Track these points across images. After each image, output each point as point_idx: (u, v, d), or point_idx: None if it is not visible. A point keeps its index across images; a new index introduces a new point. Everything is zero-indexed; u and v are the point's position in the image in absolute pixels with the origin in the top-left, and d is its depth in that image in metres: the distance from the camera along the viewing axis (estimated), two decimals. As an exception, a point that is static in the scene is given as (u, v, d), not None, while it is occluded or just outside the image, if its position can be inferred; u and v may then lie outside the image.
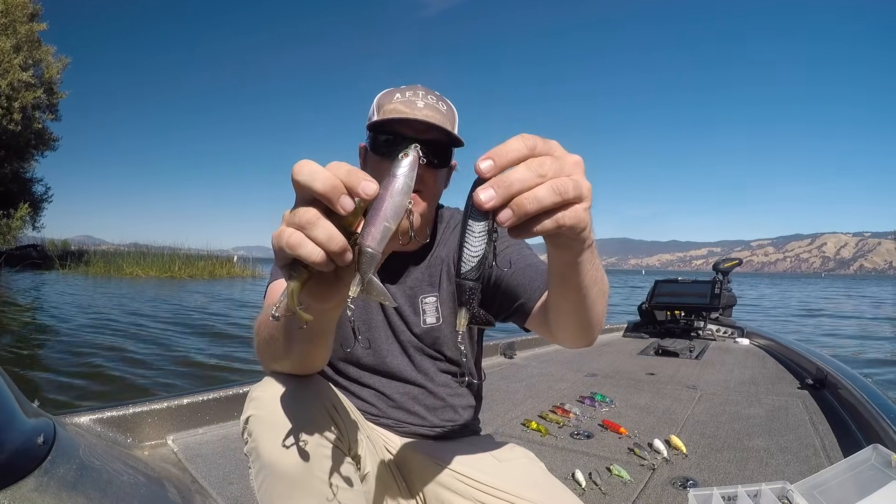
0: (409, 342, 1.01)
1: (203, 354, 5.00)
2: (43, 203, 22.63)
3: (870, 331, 9.40)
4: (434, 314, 1.03)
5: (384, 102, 0.91)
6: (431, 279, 1.03)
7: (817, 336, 8.45)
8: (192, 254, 19.95)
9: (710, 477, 1.41)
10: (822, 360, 2.60)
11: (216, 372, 4.19)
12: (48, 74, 19.65)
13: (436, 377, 1.03)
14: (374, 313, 1.00)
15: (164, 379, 4.01)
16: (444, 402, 1.04)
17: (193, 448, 1.58)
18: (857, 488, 1.03)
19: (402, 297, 1.00)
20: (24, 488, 0.81)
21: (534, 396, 2.28)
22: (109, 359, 4.57)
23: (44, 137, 20.98)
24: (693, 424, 1.87)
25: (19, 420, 0.95)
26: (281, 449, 0.69)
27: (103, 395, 3.47)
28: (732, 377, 2.72)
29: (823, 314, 12.91)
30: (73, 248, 23.95)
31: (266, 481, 0.71)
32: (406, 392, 1.00)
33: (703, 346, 3.65)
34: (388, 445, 0.97)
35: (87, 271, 17.71)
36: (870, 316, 12.68)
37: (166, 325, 6.86)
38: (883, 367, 5.39)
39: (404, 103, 0.89)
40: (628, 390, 2.42)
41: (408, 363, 1.01)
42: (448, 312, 1.02)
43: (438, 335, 1.02)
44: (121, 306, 8.79)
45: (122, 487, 1.06)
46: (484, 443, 1.07)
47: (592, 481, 1.37)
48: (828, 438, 1.73)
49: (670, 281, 4.65)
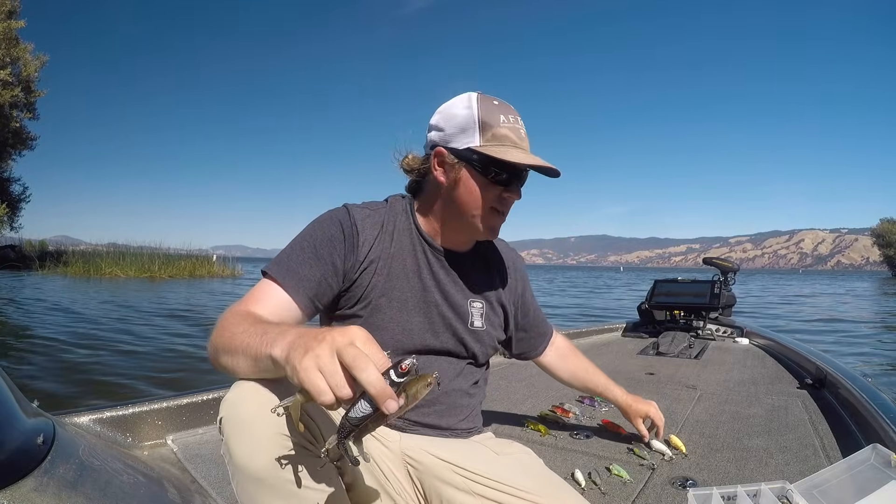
0: (457, 334, 1.06)
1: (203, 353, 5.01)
2: (21, 203, 22.48)
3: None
4: (480, 319, 1.09)
5: (491, 122, 0.95)
6: (475, 288, 1.10)
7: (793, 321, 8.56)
8: (172, 253, 19.90)
9: (710, 477, 1.41)
10: (821, 359, 2.60)
11: (216, 375, 4.20)
12: (26, 72, 19.45)
13: (455, 378, 1.06)
14: (431, 303, 1.03)
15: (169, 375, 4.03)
16: (456, 403, 1.06)
17: (193, 448, 1.58)
18: (857, 488, 1.03)
19: (458, 294, 1.06)
20: (24, 488, 0.81)
21: (533, 396, 2.28)
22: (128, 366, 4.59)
23: (21, 136, 20.81)
24: (692, 424, 1.87)
25: (19, 420, 0.95)
26: (250, 451, 0.70)
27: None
28: (732, 377, 2.72)
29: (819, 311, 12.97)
30: (50, 248, 23.71)
31: (240, 484, 0.73)
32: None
33: (702, 346, 3.66)
34: (385, 441, 0.96)
35: (66, 272, 17.61)
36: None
37: (183, 325, 6.91)
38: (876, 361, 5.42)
39: (513, 131, 0.96)
40: (628, 390, 2.42)
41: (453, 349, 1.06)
42: (488, 325, 1.11)
43: (478, 339, 1.08)
44: (123, 309, 8.79)
45: (122, 487, 1.06)
46: (482, 438, 1.08)
47: (592, 481, 1.37)
48: (827, 438, 1.73)
49: (670, 281, 4.65)
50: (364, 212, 1.01)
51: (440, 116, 0.99)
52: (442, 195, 1.01)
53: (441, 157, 0.98)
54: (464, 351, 1.07)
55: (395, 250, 1.01)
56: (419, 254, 1.03)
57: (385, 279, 0.99)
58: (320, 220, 0.99)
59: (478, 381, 1.12)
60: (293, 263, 0.92)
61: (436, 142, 0.99)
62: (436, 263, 1.04)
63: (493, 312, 1.12)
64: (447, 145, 0.97)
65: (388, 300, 0.99)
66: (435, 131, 1.00)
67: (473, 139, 0.95)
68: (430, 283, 1.03)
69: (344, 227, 0.96)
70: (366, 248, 0.98)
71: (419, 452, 0.96)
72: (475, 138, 0.95)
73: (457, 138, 0.96)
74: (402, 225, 1.04)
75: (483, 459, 0.95)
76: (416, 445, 0.97)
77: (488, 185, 0.96)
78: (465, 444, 1.02)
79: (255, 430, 0.71)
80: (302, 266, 0.92)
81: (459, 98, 0.99)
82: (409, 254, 1.02)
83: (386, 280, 0.99)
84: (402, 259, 1.01)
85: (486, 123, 0.94)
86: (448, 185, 0.98)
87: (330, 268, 0.94)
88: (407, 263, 1.02)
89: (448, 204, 1.00)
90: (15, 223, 21.97)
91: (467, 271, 1.08)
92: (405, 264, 1.02)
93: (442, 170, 0.98)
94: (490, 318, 1.11)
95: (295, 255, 0.94)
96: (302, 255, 0.93)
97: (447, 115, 0.98)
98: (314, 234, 0.96)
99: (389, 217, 1.03)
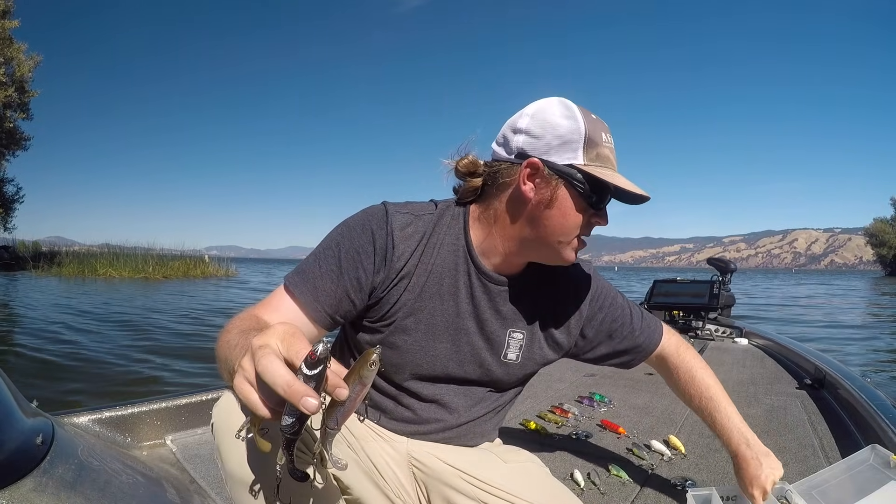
0: (484, 365, 0.97)
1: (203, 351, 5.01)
2: (14, 203, 22.36)
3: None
4: (516, 351, 0.98)
5: (596, 140, 0.84)
6: (520, 317, 0.97)
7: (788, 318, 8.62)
8: (166, 254, 19.80)
9: (709, 477, 1.41)
10: (820, 360, 2.61)
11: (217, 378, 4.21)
12: (20, 73, 19.32)
13: (472, 407, 1.00)
14: (462, 330, 0.94)
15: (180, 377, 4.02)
16: (469, 431, 1.02)
17: (192, 448, 1.58)
18: (856, 488, 1.03)
19: (496, 322, 0.95)
20: (23, 488, 0.81)
21: (532, 396, 2.28)
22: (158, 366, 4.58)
23: (15, 137, 20.68)
24: (692, 424, 1.87)
25: (18, 420, 0.95)
26: (240, 456, 0.70)
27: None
28: (731, 377, 2.73)
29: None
30: (44, 248, 23.52)
31: (231, 488, 0.73)
32: (437, 418, 0.97)
33: (701, 346, 3.66)
34: (391, 443, 0.96)
35: (60, 272, 17.50)
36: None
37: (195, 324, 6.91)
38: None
39: (612, 153, 0.88)
40: (627, 390, 2.42)
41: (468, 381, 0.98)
42: (525, 357, 0.99)
43: (507, 372, 0.99)
44: (135, 312, 8.77)
45: (121, 487, 1.06)
46: (489, 445, 1.07)
47: (591, 481, 1.37)
48: (826, 438, 1.73)
49: (669, 281, 4.66)
50: (406, 217, 0.89)
51: (534, 122, 0.85)
52: (527, 213, 0.87)
53: (535, 169, 0.84)
54: (488, 381, 0.98)
55: (434, 267, 0.90)
56: (461, 273, 0.91)
57: (416, 298, 0.90)
58: (351, 225, 0.88)
59: (497, 405, 1.04)
60: (314, 275, 0.85)
61: (527, 151, 0.85)
62: (478, 287, 0.92)
63: (537, 343, 1.00)
64: (544, 157, 0.84)
65: (415, 321, 0.90)
66: (526, 137, 0.85)
67: (577, 156, 0.83)
68: (466, 308, 0.92)
69: (377, 237, 0.86)
70: (401, 262, 0.88)
71: (426, 456, 0.95)
72: (579, 155, 0.83)
73: (557, 151, 0.84)
74: (450, 238, 0.91)
75: (490, 467, 0.94)
76: (424, 449, 0.96)
77: (586, 209, 0.86)
78: (472, 450, 1.00)
79: (246, 437, 0.71)
80: (322, 279, 0.85)
81: (553, 104, 0.86)
82: (450, 272, 0.91)
83: (416, 299, 0.90)
84: (439, 277, 0.91)
85: (593, 141, 0.83)
86: (538, 202, 0.85)
87: (354, 283, 0.86)
88: (444, 283, 0.91)
89: (532, 223, 0.87)
90: (8, 224, 21.89)
91: (514, 298, 0.96)
92: (442, 284, 0.91)
93: (533, 184, 0.85)
94: (530, 349, 0.99)
95: (318, 265, 0.86)
96: (325, 265, 0.85)
97: (545, 123, 0.84)
98: (342, 241, 0.87)
99: (436, 227, 0.91)
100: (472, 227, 0.92)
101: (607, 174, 0.84)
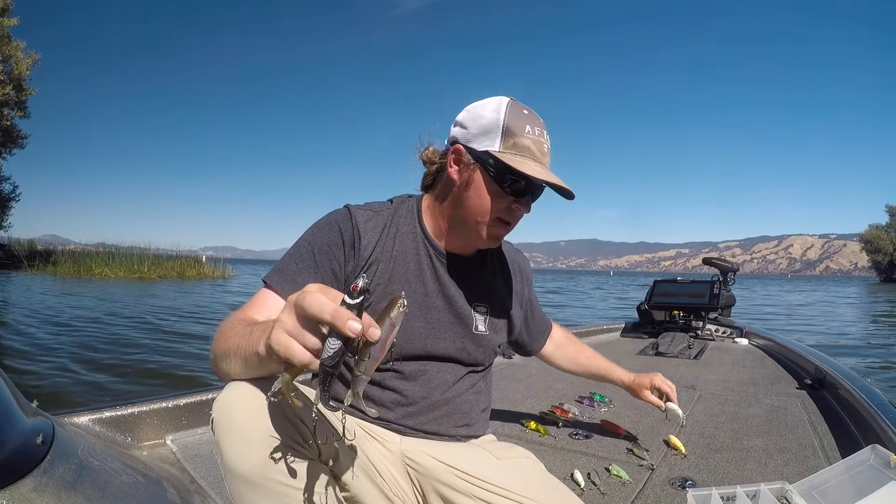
0: (459, 339, 1.04)
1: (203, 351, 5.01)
2: (10, 202, 22.31)
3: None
4: (484, 324, 1.08)
5: (515, 130, 0.93)
6: (480, 293, 1.08)
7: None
8: (162, 254, 19.81)
9: (709, 477, 1.41)
10: (820, 360, 2.61)
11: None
12: (17, 71, 19.27)
13: (455, 383, 1.05)
14: (434, 308, 1.02)
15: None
16: (455, 409, 1.04)
17: (192, 448, 1.58)
18: (856, 488, 1.03)
19: (462, 298, 1.05)
20: (23, 488, 0.81)
21: (532, 396, 2.28)
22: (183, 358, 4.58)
23: (12, 135, 20.63)
24: (692, 424, 1.87)
25: (18, 420, 0.95)
26: (241, 453, 0.71)
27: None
28: (731, 377, 2.72)
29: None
30: (39, 247, 23.54)
31: (231, 484, 0.74)
32: (426, 396, 1.01)
33: (701, 346, 3.66)
34: (384, 443, 0.96)
35: (55, 271, 17.50)
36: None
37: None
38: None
39: (536, 144, 0.94)
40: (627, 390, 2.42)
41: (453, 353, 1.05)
42: (491, 330, 1.09)
43: (481, 343, 1.07)
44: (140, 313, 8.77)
45: (121, 487, 1.06)
46: (482, 441, 1.08)
47: (591, 481, 1.37)
48: (826, 439, 1.73)
49: (669, 281, 4.66)
50: (366, 213, 1.00)
51: (467, 114, 0.97)
52: (452, 194, 0.99)
53: (458, 155, 0.96)
54: (466, 356, 1.05)
55: (398, 253, 1.00)
56: (423, 257, 1.01)
57: (386, 282, 0.98)
58: (320, 225, 0.97)
59: (477, 385, 1.11)
60: (291, 271, 0.92)
61: (457, 138, 0.97)
62: (440, 267, 1.02)
63: (498, 317, 1.11)
64: (467, 144, 0.95)
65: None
66: (458, 128, 0.98)
67: (494, 143, 0.92)
68: (434, 288, 1.01)
69: (343, 230, 0.95)
70: (367, 250, 0.97)
71: (419, 454, 0.95)
72: (496, 143, 0.92)
73: (478, 139, 0.94)
74: (407, 227, 1.02)
75: (484, 463, 0.95)
76: (416, 448, 0.97)
77: (499, 193, 0.94)
78: (465, 447, 1.01)
79: (246, 432, 0.71)
80: (300, 274, 0.92)
81: (491, 100, 0.96)
82: (413, 257, 1.01)
83: (387, 283, 0.98)
84: (404, 262, 1.00)
85: (510, 130, 0.92)
86: (460, 184, 0.96)
87: (329, 274, 0.94)
88: (410, 267, 1.00)
89: (456, 204, 0.98)
90: (4, 222, 21.84)
91: (472, 275, 1.06)
92: (408, 268, 1.00)
93: (457, 168, 0.96)
94: (494, 322, 1.10)
95: (294, 262, 0.94)
96: (301, 262, 0.93)
97: (474, 115, 0.95)
98: (313, 239, 0.95)
99: (393, 219, 1.02)
100: (424, 213, 1.04)
101: (519, 161, 0.91)
